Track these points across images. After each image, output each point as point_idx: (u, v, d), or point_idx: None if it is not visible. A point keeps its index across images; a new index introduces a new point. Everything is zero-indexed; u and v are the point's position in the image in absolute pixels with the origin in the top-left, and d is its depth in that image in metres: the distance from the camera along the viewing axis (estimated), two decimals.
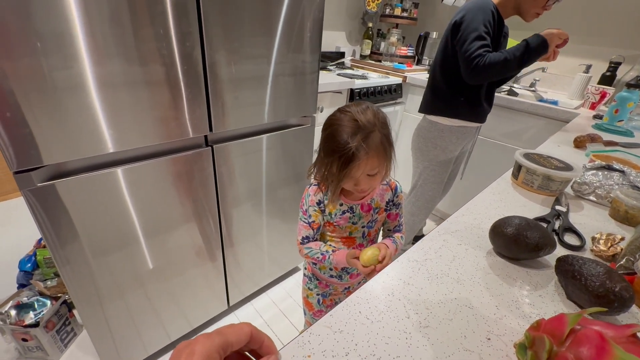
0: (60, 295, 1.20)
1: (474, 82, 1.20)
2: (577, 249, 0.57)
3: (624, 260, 0.50)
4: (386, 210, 0.80)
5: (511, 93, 1.76)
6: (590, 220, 0.67)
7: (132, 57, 0.76)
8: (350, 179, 0.67)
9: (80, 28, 0.68)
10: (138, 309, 1.06)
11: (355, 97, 1.71)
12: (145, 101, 0.82)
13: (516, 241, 0.51)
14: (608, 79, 1.74)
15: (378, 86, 1.84)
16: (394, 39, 2.26)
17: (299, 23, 1.07)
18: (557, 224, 0.64)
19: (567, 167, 0.78)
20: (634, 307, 0.45)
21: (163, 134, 0.89)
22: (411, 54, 2.30)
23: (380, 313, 0.42)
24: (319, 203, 0.76)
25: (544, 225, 0.63)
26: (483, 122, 1.40)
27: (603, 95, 1.70)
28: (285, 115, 1.20)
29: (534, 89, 1.93)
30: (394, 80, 1.96)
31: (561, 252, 0.55)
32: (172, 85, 0.85)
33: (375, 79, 1.86)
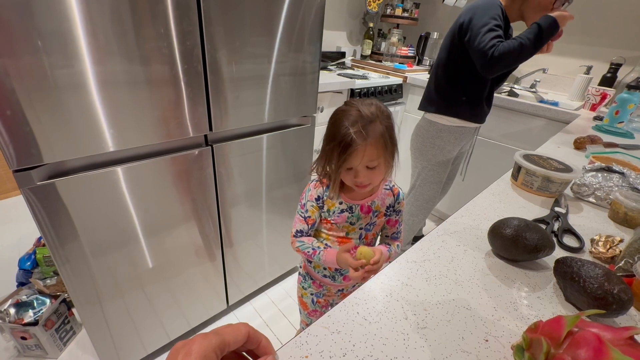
0: (60, 294, 1.20)
1: (492, 74, 1.16)
2: (576, 250, 0.57)
3: (623, 262, 0.50)
4: (386, 215, 0.80)
5: (512, 94, 1.76)
6: (589, 222, 0.67)
7: (133, 56, 0.76)
8: (350, 170, 0.67)
9: (81, 27, 0.68)
10: (137, 307, 1.06)
11: (356, 97, 1.71)
12: (145, 100, 0.82)
13: (515, 242, 0.51)
14: (609, 81, 1.74)
15: (378, 86, 1.84)
16: (394, 39, 2.26)
17: (299, 23, 1.07)
18: (556, 226, 0.64)
19: (567, 169, 0.78)
20: (632, 310, 0.45)
21: (163, 133, 0.89)
22: (412, 55, 2.30)
23: (378, 314, 0.42)
24: (318, 199, 0.77)
25: (543, 226, 0.63)
26: (482, 123, 1.40)
27: (603, 97, 1.69)
28: (285, 115, 1.20)
29: (534, 89, 1.93)
30: (394, 80, 1.96)
31: (560, 254, 0.55)
32: (173, 85, 0.85)
33: (375, 79, 1.86)
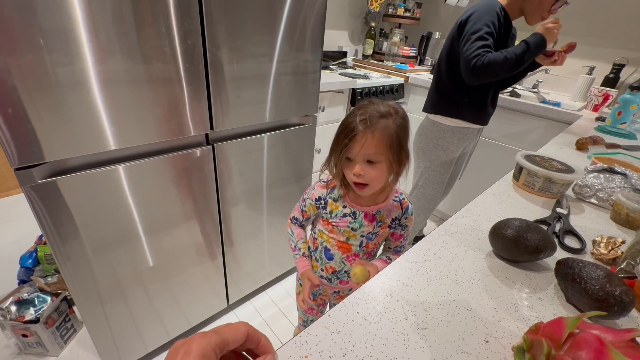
0: (61, 292, 1.20)
1: (473, 82, 1.19)
2: (578, 251, 0.57)
3: (625, 263, 0.50)
4: (390, 227, 0.77)
5: (514, 94, 1.75)
6: (591, 223, 0.67)
7: (134, 55, 0.76)
8: (349, 162, 0.66)
9: (83, 25, 0.68)
10: (138, 306, 1.06)
11: (357, 97, 1.71)
12: (146, 99, 0.82)
13: (516, 243, 0.51)
14: (611, 81, 1.73)
15: (380, 86, 1.83)
16: (396, 38, 2.25)
17: (301, 22, 1.07)
18: (558, 227, 0.64)
19: (569, 170, 0.77)
20: (634, 312, 0.45)
21: (164, 132, 0.89)
22: (414, 54, 2.29)
23: (378, 314, 0.42)
24: (319, 199, 0.77)
25: (544, 227, 0.63)
26: (485, 125, 1.40)
27: (606, 98, 1.69)
28: (286, 114, 1.20)
29: (536, 90, 1.93)
30: (396, 80, 1.95)
31: (561, 255, 0.55)
32: (174, 83, 0.85)
33: (377, 78, 1.86)
